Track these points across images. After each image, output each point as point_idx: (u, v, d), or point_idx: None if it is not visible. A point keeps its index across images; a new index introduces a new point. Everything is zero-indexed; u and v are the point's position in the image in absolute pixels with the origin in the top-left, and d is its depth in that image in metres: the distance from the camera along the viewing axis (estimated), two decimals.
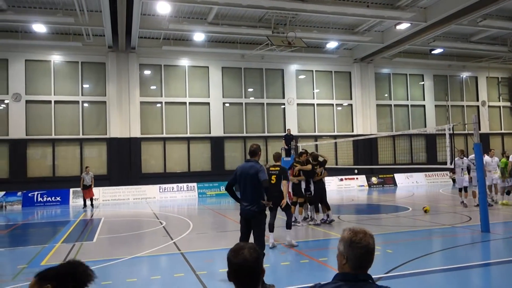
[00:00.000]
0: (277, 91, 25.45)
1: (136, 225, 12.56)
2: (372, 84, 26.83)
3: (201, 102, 23.82)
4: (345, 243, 2.26)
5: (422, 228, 10.39)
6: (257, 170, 6.04)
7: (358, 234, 2.24)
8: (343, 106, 26.86)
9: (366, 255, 2.21)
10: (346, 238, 2.26)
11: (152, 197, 21.11)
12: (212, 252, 8.42)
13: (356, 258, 2.21)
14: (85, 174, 17.94)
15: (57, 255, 8.38)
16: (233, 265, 2.11)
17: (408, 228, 10.53)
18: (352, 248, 2.22)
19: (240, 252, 2.12)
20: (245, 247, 2.15)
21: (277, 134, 24.34)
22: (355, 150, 25.71)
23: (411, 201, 16.62)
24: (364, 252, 2.20)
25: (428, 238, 9.36)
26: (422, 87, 28.74)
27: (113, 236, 10.72)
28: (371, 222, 11.61)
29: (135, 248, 8.91)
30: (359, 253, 2.20)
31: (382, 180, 25.03)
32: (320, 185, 11.22)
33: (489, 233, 9.17)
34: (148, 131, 22.82)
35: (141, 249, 8.77)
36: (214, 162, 23.51)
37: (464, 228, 10.12)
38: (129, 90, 22.12)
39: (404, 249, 8.17)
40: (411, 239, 9.13)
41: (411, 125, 27.70)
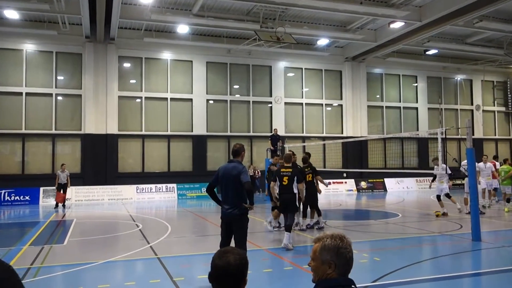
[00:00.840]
0: (264, 89, 25.49)
1: (110, 228, 12.44)
2: (364, 84, 27.08)
3: (183, 98, 23.72)
4: (332, 251, 2.29)
5: (411, 236, 10.51)
6: (240, 171, 6.04)
7: (343, 239, 2.31)
8: (333, 107, 27.02)
9: (352, 258, 2.31)
10: (333, 246, 2.29)
11: (128, 198, 20.94)
12: (190, 257, 8.39)
13: (346, 263, 2.28)
14: (61, 171, 17.68)
15: (23, 258, 8.25)
16: (215, 266, 2.14)
17: (397, 235, 10.63)
18: (340, 254, 2.27)
19: (225, 255, 2.15)
20: (232, 252, 2.18)
21: (263, 134, 24.38)
22: (344, 153, 25.89)
23: (401, 207, 16.81)
24: (351, 256, 2.31)
25: (417, 246, 9.47)
26: (415, 89, 29.11)
27: (85, 239, 10.60)
28: (359, 228, 11.70)
29: (109, 252, 8.82)
30: (350, 257, 2.30)
31: (371, 184, 25.26)
32: (311, 190, 11.13)
33: (480, 242, 9.33)
34: (126, 128, 22.62)
35: (116, 253, 8.68)
36: (195, 162, 23.44)
37: (455, 236, 10.27)
38: (106, 84, 21.91)
39: (392, 257, 8.26)
40: (400, 247, 9.22)
41: (403, 128, 28.05)
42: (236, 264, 2.12)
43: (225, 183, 6.16)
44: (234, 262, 2.12)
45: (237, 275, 2.12)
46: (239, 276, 2.13)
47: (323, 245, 2.32)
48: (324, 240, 2.33)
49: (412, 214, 14.66)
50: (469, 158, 9.88)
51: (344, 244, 2.28)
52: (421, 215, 14.40)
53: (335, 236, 2.32)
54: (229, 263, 2.11)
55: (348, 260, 2.28)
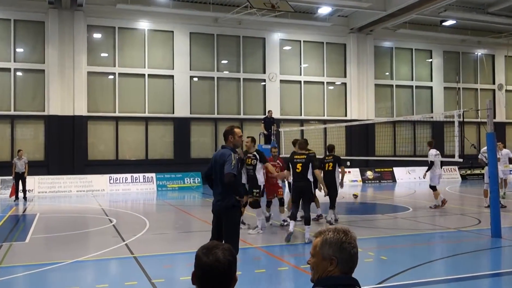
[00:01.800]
0: (257, 65, 25.38)
1: (79, 223, 12.43)
2: (371, 59, 27.06)
3: (163, 74, 23.57)
4: (334, 245, 2.32)
5: (423, 232, 10.62)
6: (225, 159, 6.05)
7: (347, 233, 2.35)
8: (335, 85, 27.00)
9: (357, 254, 2.34)
10: (335, 240, 2.32)
11: (100, 189, 20.90)
12: (172, 256, 8.43)
13: (350, 259, 2.32)
14: (17, 159, 17.56)
15: None
16: (201, 264, 2.11)
17: (407, 232, 10.74)
18: (343, 249, 2.30)
19: (213, 251, 2.12)
20: (219, 246, 2.16)
21: (255, 116, 24.35)
22: (348, 139, 25.98)
23: (412, 200, 16.96)
24: (356, 252, 2.33)
25: (430, 243, 9.58)
26: (430, 66, 29.17)
27: (50, 235, 10.58)
28: (364, 224, 11.80)
29: (78, 250, 8.82)
30: (353, 253, 2.34)
31: (379, 174, 25.42)
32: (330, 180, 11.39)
33: (500, 238, 9.44)
34: (97, 109, 22.47)
35: (85, 251, 8.69)
36: (177, 149, 23.39)
37: (472, 232, 10.41)
38: (74, 57, 21.67)
39: (401, 256, 8.36)
40: (410, 245, 9.33)
41: (415, 110, 28.14)
42: (226, 260, 2.11)
43: (215, 172, 6.21)
44: (224, 259, 2.10)
45: (227, 273, 2.11)
46: (229, 274, 2.12)
47: (324, 239, 2.34)
48: (326, 234, 2.35)
49: (424, 207, 14.80)
50: (489, 143, 9.95)
51: (348, 239, 2.32)
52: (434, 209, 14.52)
53: (339, 230, 2.34)
54: (218, 260, 2.09)
55: (352, 256, 2.30)
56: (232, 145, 6.25)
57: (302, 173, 9.49)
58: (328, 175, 11.53)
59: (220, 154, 6.17)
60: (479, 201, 15.14)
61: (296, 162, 9.62)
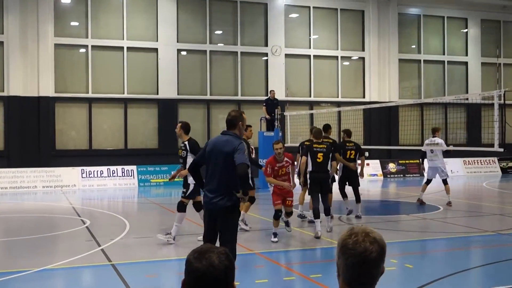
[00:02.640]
0: (257, 36, 25.32)
1: (47, 225, 12.46)
2: (394, 30, 26.97)
3: (145, 47, 23.52)
4: (337, 246, 2.29)
5: (456, 235, 10.64)
6: (235, 148, 5.99)
7: (355, 235, 2.26)
8: (351, 61, 26.94)
9: (362, 267, 2.22)
10: (340, 240, 2.30)
11: (70, 184, 20.92)
12: (156, 263, 8.46)
13: (348, 269, 2.24)
14: None
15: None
16: (193, 271, 2.11)
17: (437, 235, 10.77)
18: (344, 254, 2.25)
19: (206, 255, 2.13)
20: (214, 250, 2.16)
21: (255, 98, 24.32)
22: (367, 125, 25.95)
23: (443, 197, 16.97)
24: (358, 262, 2.21)
25: (464, 248, 9.60)
26: (465, 37, 29.06)
27: (12, 239, 10.61)
28: (386, 226, 11.81)
29: (46, 256, 8.86)
30: (351, 263, 2.22)
31: (403, 167, 25.41)
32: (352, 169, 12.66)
33: None
34: (66, 89, 22.45)
35: (54, 258, 8.73)
36: (162, 136, 23.38)
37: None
38: (38, 27, 21.60)
39: (429, 264, 8.38)
40: (440, 250, 9.37)
41: (446, 90, 28.08)
42: (222, 265, 2.11)
43: (213, 162, 6.15)
44: (219, 264, 2.10)
45: (223, 281, 2.12)
46: (225, 281, 2.12)
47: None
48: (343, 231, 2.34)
49: (457, 207, 14.81)
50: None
51: (352, 242, 2.23)
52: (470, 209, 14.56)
53: (351, 229, 2.31)
54: (212, 265, 2.09)
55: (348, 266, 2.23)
56: (239, 133, 6.26)
57: (322, 164, 10.48)
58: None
59: (224, 141, 6.13)
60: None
61: (316, 151, 10.50)
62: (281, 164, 9.83)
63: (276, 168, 9.76)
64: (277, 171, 9.78)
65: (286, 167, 9.91)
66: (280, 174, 9.82)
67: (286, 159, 9.91)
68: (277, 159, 9.80)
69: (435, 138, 15.15)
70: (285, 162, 9.88)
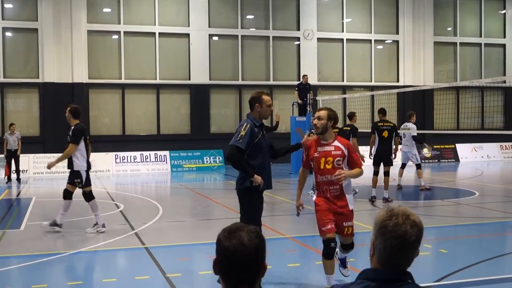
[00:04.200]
0: (289, 20, 25.18)
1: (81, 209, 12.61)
2: (430, 12, 26.55)
3: (177, 33, 23.60)
4: (376, 226, 2.31)
5: (491, 221, 10.52)
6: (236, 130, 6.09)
7: (395, 217, 2.27)
8: (385, 44, 26.63)
9: (400, 249, 2.24)
10: (378, 220, 2.30)
11: (104, 170, 21.21)
12: (189, 247, 8.53)
13: (386, 250, 2.25)
14: (9, 134, 17.97)
15: None
16: (224, 250, 2.13)
17: (473, 220, 10.65)
18: (382, 235, 2.26)
19: (236, 233, 2.14)
20: (244, 228, 2.17)
21: (287, 82, 24.24)
22: (401, 109, 25.66)
23: (479, 183, 16.77)
24: (397, 244, 2.23)
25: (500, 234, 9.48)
26: (503, 18, 28.44)
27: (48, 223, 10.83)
28: (420, 211, 11.72)
29: (80, 240, 9.04)
30: (390, 244, 2.24)
31: (438, 152, 25.13)
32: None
33: None
34: (99, 75, 22.71)
35: (88, 241, 8.89)
36: (195, 122, 23.51)
37: None
38: (71, 14, 21.84)
39: (465, 249, 8.32)
40: (476, 236, 9.27)
41: (483, 73, 27.58)
42: (252, 244, 2.11)
43: None
44: (249, 242, 2.11)
45: (254, 259, 2.12)
46: (256, 260, 2.13)
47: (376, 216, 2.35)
48: (380, 211, 2.36)
49: (493, 192, 14.64)
50: None
51: (392, 224, 2.23)
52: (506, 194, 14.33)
53: (391, 210, 2.31)
54: (242, 244, 2.10)
55: (391, 248, 2.23)
56: (258, 115, 6.13)
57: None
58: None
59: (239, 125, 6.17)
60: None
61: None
62: (326, 150, 5.95)
63: (317, 154, 5.95)
64: (319, 161, 5.95)
65: (336, 157, 5.92)
66: (325, 167, 5.92)
67: (337, 143, 6.01)
68: (320, 140, 6.04)
69: (408, 123, 15.32)
70: (335, 148, 5.95)
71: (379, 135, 12.83)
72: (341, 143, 6.04)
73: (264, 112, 6.12)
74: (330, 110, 6.09)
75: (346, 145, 6.09)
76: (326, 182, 5.95)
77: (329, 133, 6.05)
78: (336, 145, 6.00)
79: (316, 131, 6.06)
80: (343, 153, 5.95)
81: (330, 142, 6.05)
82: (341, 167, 5.89)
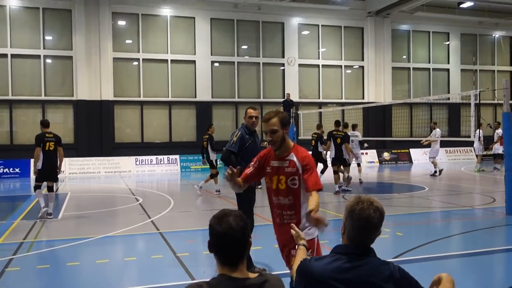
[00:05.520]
0: (276, 49, 25.25)
1: (108, 202, 12.67)
2: (388, 43, 26.69)
3: (185, 60, 23.62)
4: (346, 210, 2.36)
5: (438, 210, 10.60)
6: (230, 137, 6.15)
7: (361, 203, 2.33)
8: (353, 69, 26.74)
9: (365, 229, 2.30)
10: (348, 206, 2.37)
11: (127, 170, 21.20)
12: (195, 232, 8.56)
13: (354, 229, 2.31)
14: None
15: (16, 233, 8.48)
16: (215, 233, 2.15)
17: (423, 210, 10.73)
18: (351, 217, 2.32)
19: (224, 219, 2.15)
20: (230, 214, 2.18)
21: (274, 99, 24.28)
22: (366, 121, 25.77)
23: (428, 180, 16.84)
24: (362, 225, 2.29)
25: (444, 220, 9.55)
26: (447, 48, 28.63)
27: (81, 213, 10.83)
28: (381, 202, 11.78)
29: (107, 226, 9.04)
30: (357, 225, 2.30)
31: (395, 156, 25.23)
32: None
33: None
34: (122, 93, 22.69)
35: (114, 227, 8.91)
36: (200, 132, 23.45)
37: (487, 210, 10.33)
38: (100, 44, 21.85)
39: (416, 232, 8.37)
40: (426, 222, 9.32)
41: (432, 92, 27.73)
42: (238, 226, 2.13)
43: None
44: (236, 225, 2.13)
45: (241, 238, 2.14)
46: (244, 239, 2.15)
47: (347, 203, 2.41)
48: (351, 198, 2.42)
49: (440, 187, 14.71)
50: (505, 123, 9.80)
51: (358, 209, 2.30)
52: (450, 188, 14.43)
53: (359, 197, 2.37)
54: (231, 228, 2.12)
55: (358, 228, 2.29)
56: (246, 124, 6.16)
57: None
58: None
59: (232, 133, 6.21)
60: (494, 180, 14.96)
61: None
62: (280, 165, 3.87)
63: (269, 170, 3.93)
64: (271, 178, 3.92)
65: (290, 175, 3.81)
66: (277, 187, 3.89)
67: (292, 157, 3.84)
68: (274, 153, 3.90)
69: (355, 131, 15.82)
70: (289, 164, 3.83)
71: (334, 141, 13.18)
72: (298, 157, 3.79)
73: (247, 122, 6.15)
74: (280, 113, 3.90)
75: (302, 159, 3.78)
76: (279, 205, 3.90)
77: (285, 145, 3.85)
78: (291, 160, 3.80)
79: (275, 147, 3.82)
80: (298, 171, 3.76)
81: (285, 155, 3.84)
82: (296, 187, 3.77)
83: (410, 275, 2.27)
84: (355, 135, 15.71)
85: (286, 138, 3.86)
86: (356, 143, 15.63)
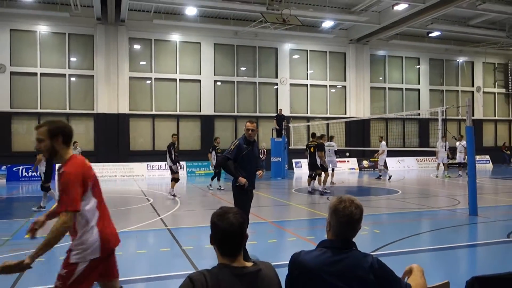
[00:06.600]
0: (270, 70, 25.34)
1: (123, 202, 12.60)
2: (367, 66, 26.82)
3: (191, 79, 23.66)
4: (330, 209, 2.34)
5: (410, 211, 10.56)
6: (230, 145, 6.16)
7: (343, 202, 2.32)
8: (336, 88, 26.85)
9: (348, 224, 2.28)
10: (332, 205, 2.34)
11: (140, 174, 21.11)
12: (199, 228, 8.50)
13: (338, 225, 2.29)
14: (73, 149, 17.80)
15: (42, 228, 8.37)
16: (217, 229, 2.14)
17: (397, 210, 10.69)
18: (335, 215, 2.30)
19: (225, 216, 2.14)
20: (230, 212, 2.17)
21: (268, 114, 24.33)
22: (347, 133, 25.84)
23: (402, 184, 16.84)
24: (346, 221, 2.27)
25: (416, 220, 9.52)
26: (418, 71, 28.81)
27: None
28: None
29: (121, 223, 8.95)
30: (340, 221, 2.28)
31: (373, 163, 25.23)
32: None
33: (477, 216, 9.36)
34: (136, 108, 22.66)
35: (127, 224, 8.82)
36: (203, 141, 23.50)
37: (453, 211, 10.31)
38: (118, 65, 21.87)
39: (391, 230, 8.34)
40: (399, 221, 9.29)
41: (404, 109, 27.85)
42: (238, 223, 2.13)
43: None
44: (236, 222, 2.12)
45: (240, 233, 2.14)
46: (242, 233, 2.15)
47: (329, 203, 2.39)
48: (333, 198, 2.40)
49: (412, 191, 14.70)
50: (468, 136, 9.83)
51: (341, 207, 2.29)
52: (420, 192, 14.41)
53: (340, 197, 2.36)
54: (232, 224, 2.11)
55: (341, 223, 2.27)
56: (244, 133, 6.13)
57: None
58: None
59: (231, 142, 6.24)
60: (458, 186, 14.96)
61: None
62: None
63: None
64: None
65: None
66: None
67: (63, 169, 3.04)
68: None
69: (331, 142, 16.17)
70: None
71: (309, 150, 13.76)
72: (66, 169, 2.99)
73: (245, 133, 6.11)
74: (51, 123, 3.19)
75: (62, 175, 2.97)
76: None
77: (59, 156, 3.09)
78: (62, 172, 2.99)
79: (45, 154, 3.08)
80: None
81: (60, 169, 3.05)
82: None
83: (386, 266, 2.25)
84: (331, 145, 15.99)
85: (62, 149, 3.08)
86: (332, 152, 15.87)
